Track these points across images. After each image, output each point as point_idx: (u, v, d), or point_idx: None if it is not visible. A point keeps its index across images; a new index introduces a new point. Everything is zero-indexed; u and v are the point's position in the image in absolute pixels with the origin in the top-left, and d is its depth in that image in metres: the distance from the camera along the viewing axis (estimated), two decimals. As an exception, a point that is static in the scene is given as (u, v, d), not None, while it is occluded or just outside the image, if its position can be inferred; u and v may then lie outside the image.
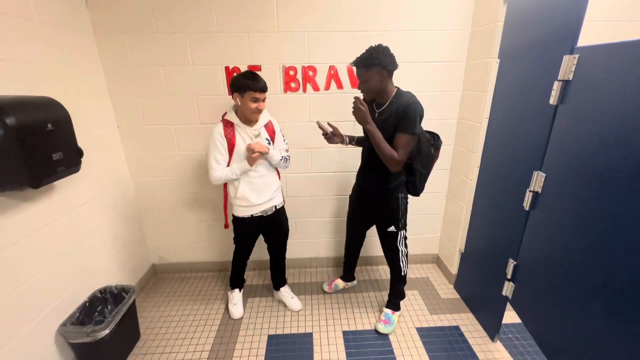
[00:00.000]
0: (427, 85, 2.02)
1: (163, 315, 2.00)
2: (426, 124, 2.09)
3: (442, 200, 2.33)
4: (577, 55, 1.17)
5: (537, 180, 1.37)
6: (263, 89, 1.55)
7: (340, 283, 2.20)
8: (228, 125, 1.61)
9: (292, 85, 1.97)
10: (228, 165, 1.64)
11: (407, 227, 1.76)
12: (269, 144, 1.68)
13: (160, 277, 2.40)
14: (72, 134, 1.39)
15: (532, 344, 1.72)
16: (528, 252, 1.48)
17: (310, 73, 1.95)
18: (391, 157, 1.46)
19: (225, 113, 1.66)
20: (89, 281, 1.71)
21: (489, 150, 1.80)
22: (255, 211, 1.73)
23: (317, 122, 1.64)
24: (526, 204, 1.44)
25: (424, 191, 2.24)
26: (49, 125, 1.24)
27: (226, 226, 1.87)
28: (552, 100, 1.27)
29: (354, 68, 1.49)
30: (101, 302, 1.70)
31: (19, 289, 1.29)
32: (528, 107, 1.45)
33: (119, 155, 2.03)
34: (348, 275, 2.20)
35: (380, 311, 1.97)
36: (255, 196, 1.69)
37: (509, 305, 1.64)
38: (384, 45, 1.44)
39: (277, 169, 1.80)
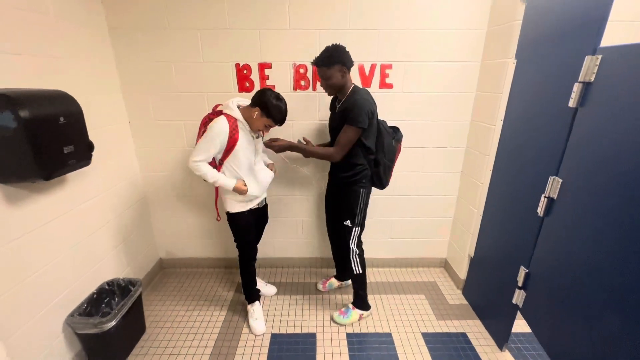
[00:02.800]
0: (440, 86, 1.97)
1: (169, 309, 2.02)
2: (438, 125, 2.06)
3: (452, 204, 2.28)
4: (600, 56, 1.12)
5: (553, 186, 1.32)
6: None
7: (334, 282, 2.19)
8: (232, 121, 1.52)
9: (302, 83, 1.95)
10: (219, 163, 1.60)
11: (363, 227, 1.79)
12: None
13: (167, 271, 2.42)
14: (84, 128, 1.41)
15: (542, 355, 1.66)
16: (541, 260, 1.43)
17: (321, 71, 1.93)
18: (326, 154, 1.62)
19: (219, 105, 1.64)
20: (97, 273, 1.74)
21: (502, 153, 1.74)
22: (253, 204, 1.74)
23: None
24: (540, 210, 1.39)
25: (434, 194, 2.23)
26: (61, 119, 1.26)
27: (219, 219, 1.83)
28: (572, 102, 1.22)
29: (317, 67, 1.56)
30: (108, 294, 1.73)
31: (28, 278, 1.32)
32: (546, 110, 1.39)
33: (129, 150, 2.06)
34: (341, 274, 2.19)
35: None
36: (261, 189, 1.71)
37: (518, 314, 1.59)
38: (339, 44, 1.55)
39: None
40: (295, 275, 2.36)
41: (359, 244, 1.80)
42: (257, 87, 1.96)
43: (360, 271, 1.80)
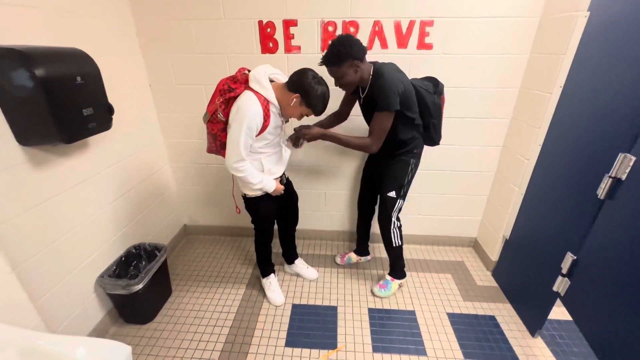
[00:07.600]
0: (488, 46, 1.72)
1: (193, 274, 2.07)
2: (481, 93, 1.83)
3: (488, 181, 2.10)
4: None
5: (623, 164, 1.13)
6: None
7: (353, 257, 2.14)
8: (264, 103, 1.31)
9: (331, 43, 1.77)
10: None
11: (405, 199, 1.72)
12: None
13: (191, 237, 2.47)
14: (102, 90, 1.34)
15: (578, 344, 1.56)
16: (594, 248, 1.27)
17: (352, 30, 1.73)
18: (362, 145, 1.51)
19: (244, 70, 1.37)
20: (124, 237, 1.77)
21: (558, 125, 1.53)
22: None
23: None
24: (601, 192, 1.21)
25: (469, 170, 2.06)
26: (78, 79, 1.19)
27: (238, 211, 1.71)
28: (664, 63, 1.00)
29: (326, 67, 1.43)
30: (136, 257, 1.77)
31: (58, 240, 1.34)
32: (624, 72, 1.16)
33: (151, 114, 2.01)
34: (361, 249, 2.13)
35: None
36: (279, 168, 1.58)
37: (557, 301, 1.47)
38: (345, 35, 1.39)
39: None
40: (317, 247, 2.33)
41: (399, 217, 1.74)
42: (281, 48, 1.80)
43: (400, 243, 1.77)
